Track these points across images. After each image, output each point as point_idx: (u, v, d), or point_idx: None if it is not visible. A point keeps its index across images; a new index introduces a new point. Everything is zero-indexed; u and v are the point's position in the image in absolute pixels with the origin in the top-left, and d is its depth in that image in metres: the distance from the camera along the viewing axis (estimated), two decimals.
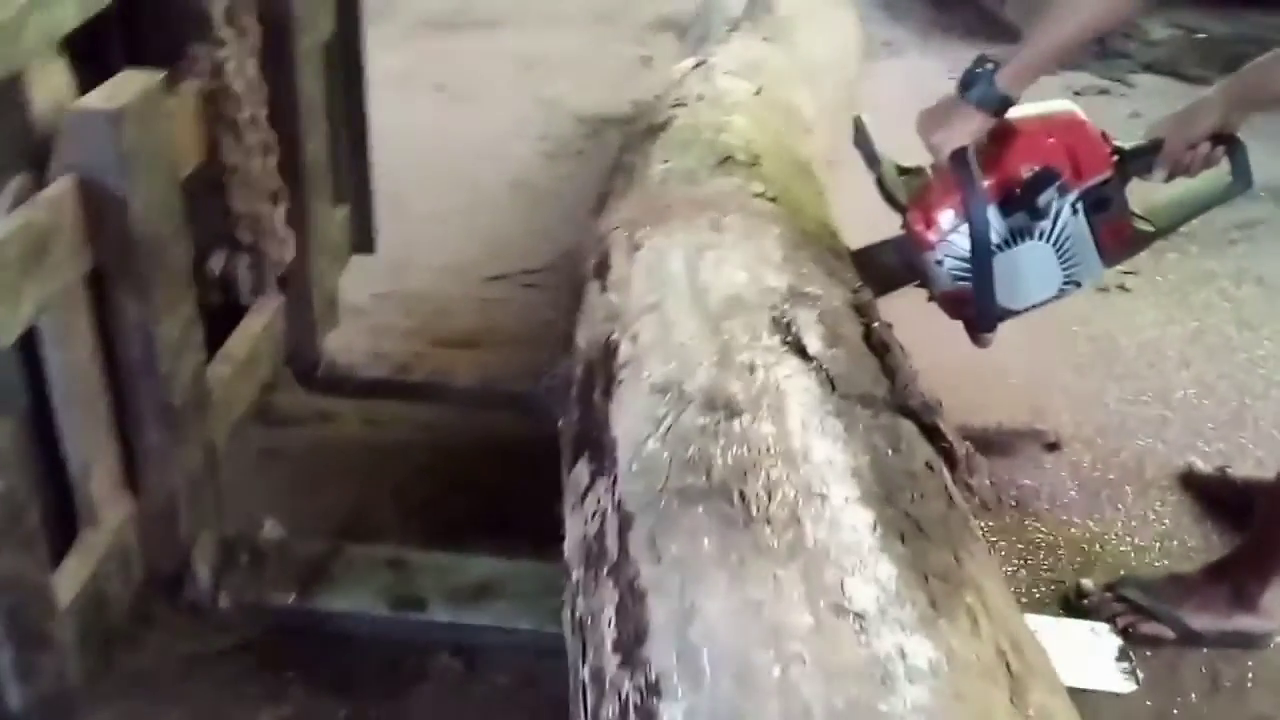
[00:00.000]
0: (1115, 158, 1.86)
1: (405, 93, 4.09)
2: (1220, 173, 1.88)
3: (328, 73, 2.19)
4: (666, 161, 2.07)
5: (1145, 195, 1.93)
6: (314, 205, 2.13)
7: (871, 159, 1.95)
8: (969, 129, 1.75)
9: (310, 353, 2.26)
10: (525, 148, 3.79)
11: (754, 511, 1.16)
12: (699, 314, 1.53)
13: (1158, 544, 2.08)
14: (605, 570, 1.24)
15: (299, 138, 2.02)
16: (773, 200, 1.87)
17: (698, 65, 2.70)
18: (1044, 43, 1.72)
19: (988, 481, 1.43)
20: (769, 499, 1.18)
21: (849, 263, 1.84)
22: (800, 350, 1.42)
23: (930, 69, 4.28)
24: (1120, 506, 2.16)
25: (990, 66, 1.72)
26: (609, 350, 1.54)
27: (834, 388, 1.36)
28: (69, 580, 1.56)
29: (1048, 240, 1.82)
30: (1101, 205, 1.83)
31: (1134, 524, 2.12)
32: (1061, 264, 1.85)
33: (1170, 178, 1.86)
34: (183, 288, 1.63)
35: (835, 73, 3.23)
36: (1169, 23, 4.59)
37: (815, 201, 2.04)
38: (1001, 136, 1.79)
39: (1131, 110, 3.90)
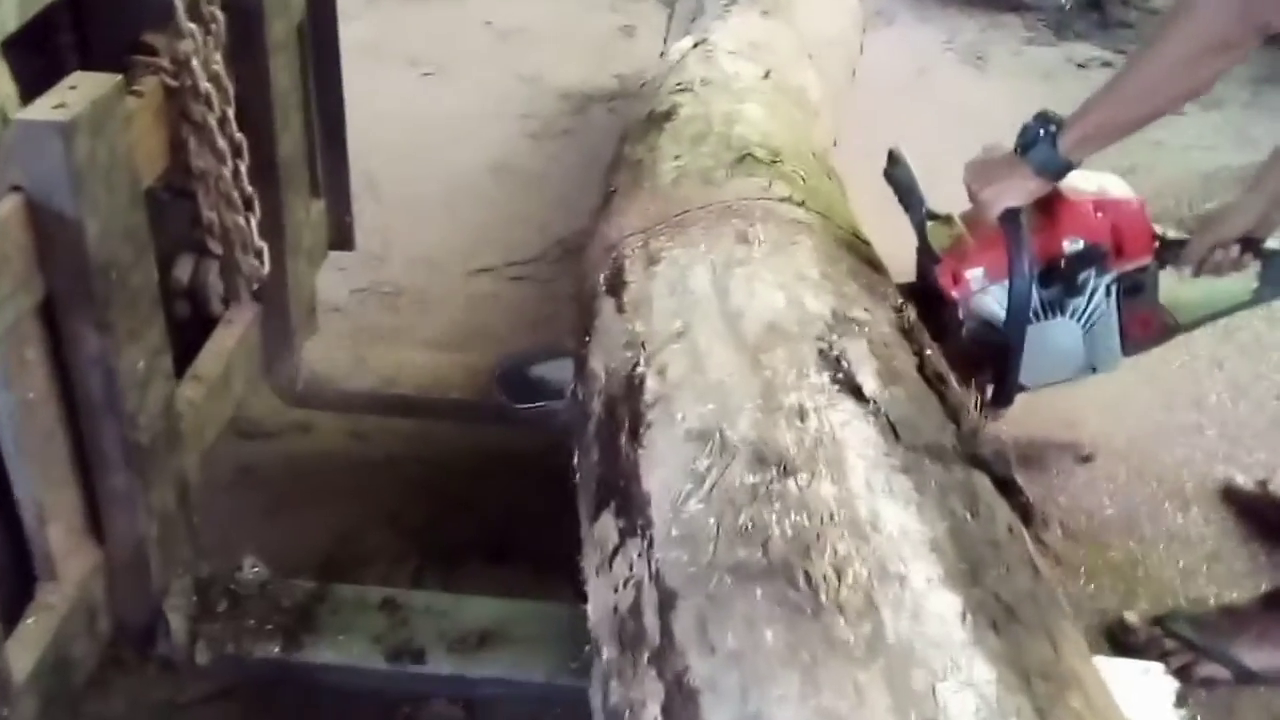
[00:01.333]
0: (1156, 244, 1.78)
1: (374, 66, 3.86)
2: (1249, 276, 1.82)
3: (299, 57, 2.00)
4: (678, 158, 1.90)
5: (1171, 287, 1.85)
6: (290, 205, 1.94)
7: (911, 199, 1.81)
8: (1023, 191, 1.64)
9: (289, 364, 2.08)
10: (506, 127, 3.59)
11: (823, 596, 1.01)
12: (734, 344, 1.36)
13: (1204, 567, 1.95)
14: (646, 656, 1.08)
15: (272, 134, 1.83)
16: (800, 205, 1.70)
17: (697, 44, 2.52)
18: (1119, 107, 1.58)
19: (1058, 532, 1.29)
20: (839, 580, 1.02)
21: (885, 274, 1.68)
22: (854, 389, 1.26)
23: (927, 39, 4.12)
24: (1161, 525, 2.03)
25: (1053, 129, 1.60)
26: (633, 385, 1.38)
27: (897, 436, 1.20)
28: (26, 646, 1.39)
29: (1078, 319, 1.74)
30: (1135, 291, 1.77)
31: (1176, 545, 1.99)
32: (1086, 346, 1.77)
33: (1197, 274, 1.79)
34: (148, 313, 1.44)
35: (838, 49, 3.05)
36: None
37: (840, 203, 1.87)
38: (1048, 202, 1.68)
39: None
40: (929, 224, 1.80)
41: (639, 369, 1.39)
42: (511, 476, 2.13)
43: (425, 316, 2.68)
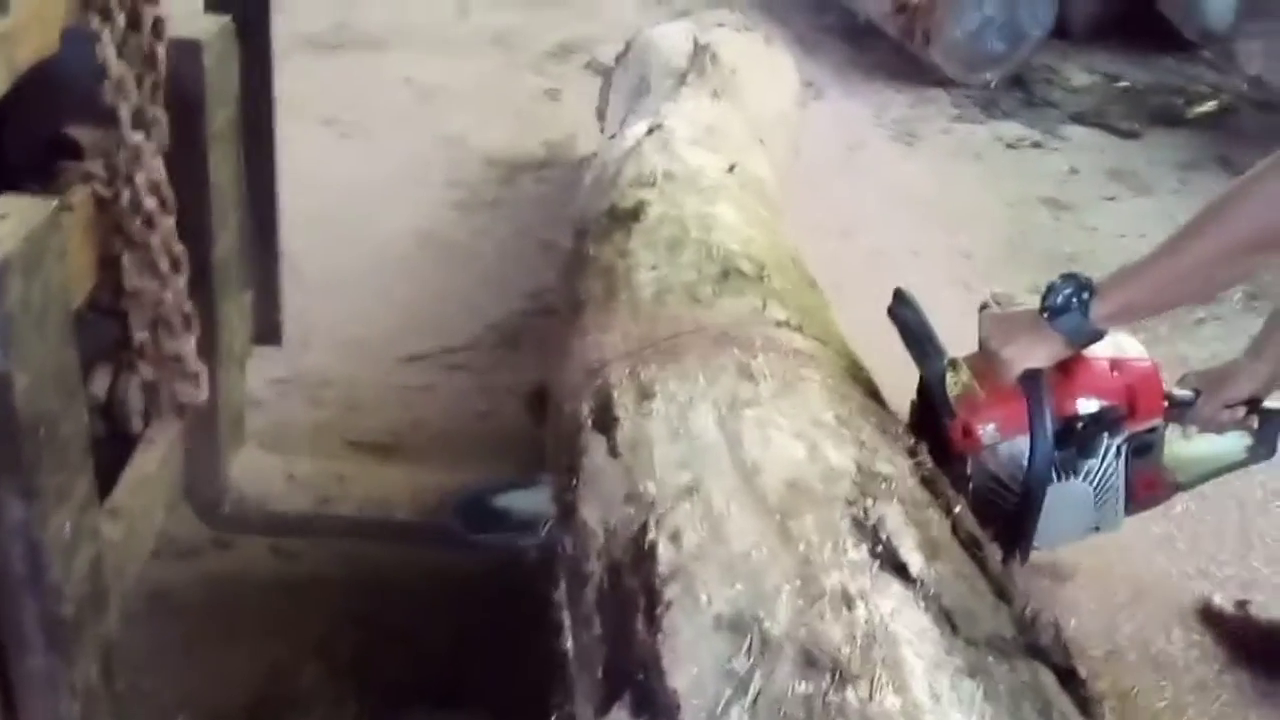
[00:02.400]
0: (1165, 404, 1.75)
1: (289, 126, 3.59)
2: (1243, 434, 1.82)
3: (236, 144, 1.81)
4: (655, 268, 1.77)
5: (1170, 445, 1.81)
6: (223, 312, 1.75)
7: (925, 347, 1.68)
8: (1048, 354, 1.57)
9: (214, 484, 1.86)
10: (431, 195, 3.41)
11: None
12: (755, 506, 1.23)
13: (1193, 698, 1.88)
14: None
15: (209, 236, 1.64)
16: (798, 330, 1.59)
17: (651, 130, 2.40)
18: (1161, 290, 1.52)
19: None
20: None
21: (887, 406, 1.58)
22: (898, 567, 1.14)
23: (856, 114, 4.09)
24: (1144, 650, 1.96)
25: (1085, 296, 1.52)
26: (642, 551, 1.23)
27: (953, 626, 1.08)
28: None
29: (1089, 480, 1.68)
30: (1143, 451, 1.72)
31: (1162, 673, 1.92)
32: (1094, 507, 1.71)
33: (1200, 432, 1.79)
34: (77, 464, 1.25)
35: (781, 128, 2.98)
36: (1088, 68, 4.52)
37: (830, 321, 1.77)
38: (1064, 361, 1.61)
39: (1068, 165, 3.79)
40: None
41: (648, 533, 1.24)
42: (458, 604, 1.95)
43: (355, 412, 2.48)
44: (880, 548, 1.17)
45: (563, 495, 1.48)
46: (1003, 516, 1.64)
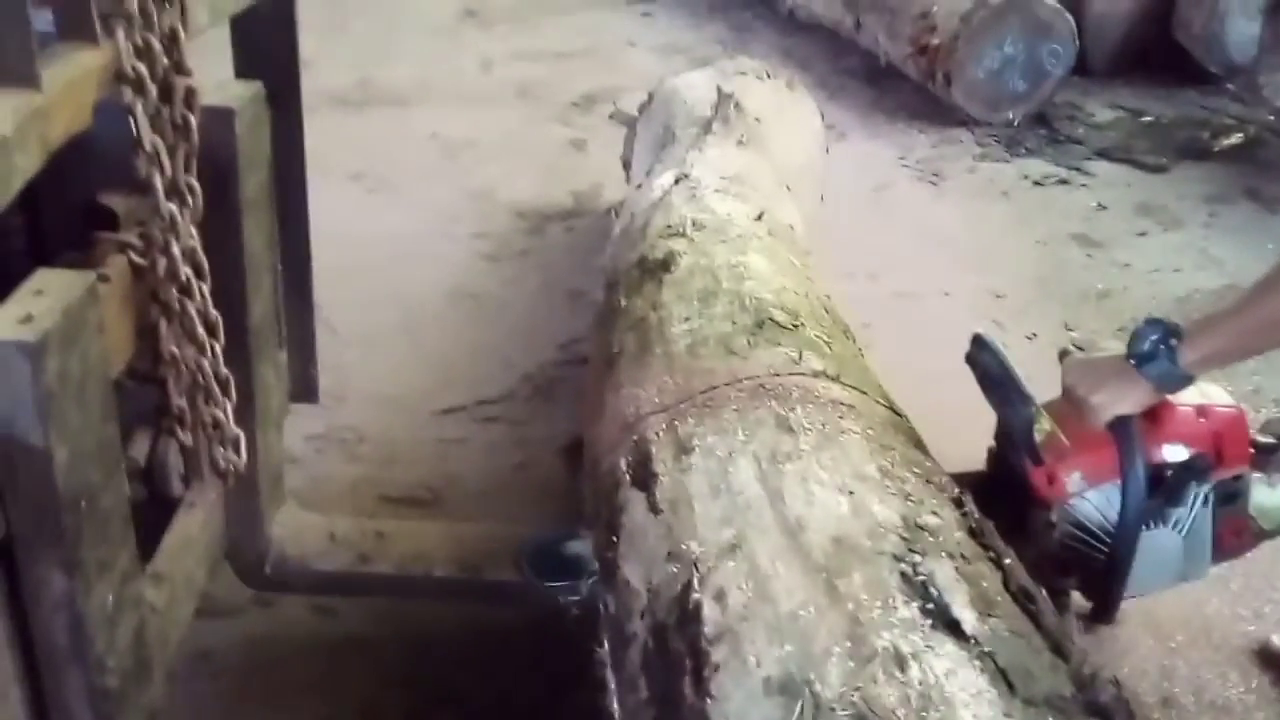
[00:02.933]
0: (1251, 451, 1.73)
1: (316, 183, 3.63)
2: None
3: (270, 209, 1.83)
4: (688, 320, 1.76)
5: (1255, 492, 1.78)
6: (260, 374, 1.75)
7: (1009, 394, 1.66)
8: (1138, 400, 1.57)
9: (256, 545, 1.86)
10: (460, 248, 3.43)
11: None
12: (800, 563, 1.21)
13: None
14: None
15: (245, 301, 1.64)
16: (836, 380, 1.57)
17: (678, 180, 2.40)
18: (1247, 336, 1.51)
19: None
20: None
21: (929, 454, 1.55)
22: (951, 625, 1.12)
23: (881, 155, 4.10)
24: (1200, 694, 1.92)
25: (1173, 342, 1.51)
26: (687, 612, 1.22)
27: (1010, 686, 1.06)
28: None
29: (1178, 529, 1.66)
30: (1230, 499, 1.71)
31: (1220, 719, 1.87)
32: (1183, 556, 1.69)
33: None
34: (119, 537, 1.24)
35: (808, 174, 2.99)
36: (1110, 104, 4.51)
37: (866, 369, 1.75)
38: (1150, 408, 1.61)
39: (1096, 201, 3.77)
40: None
41: (693, 593, 1.22)
42: (502, 661, 1.94)
43: (391, 466, 2.48)
44: (931, 605, 1.14)
45: (603, 553, 1.46)
46: (1089, 566, 1.62)
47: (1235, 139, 4.22)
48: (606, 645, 1.38)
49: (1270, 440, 1.72)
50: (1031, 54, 4.26)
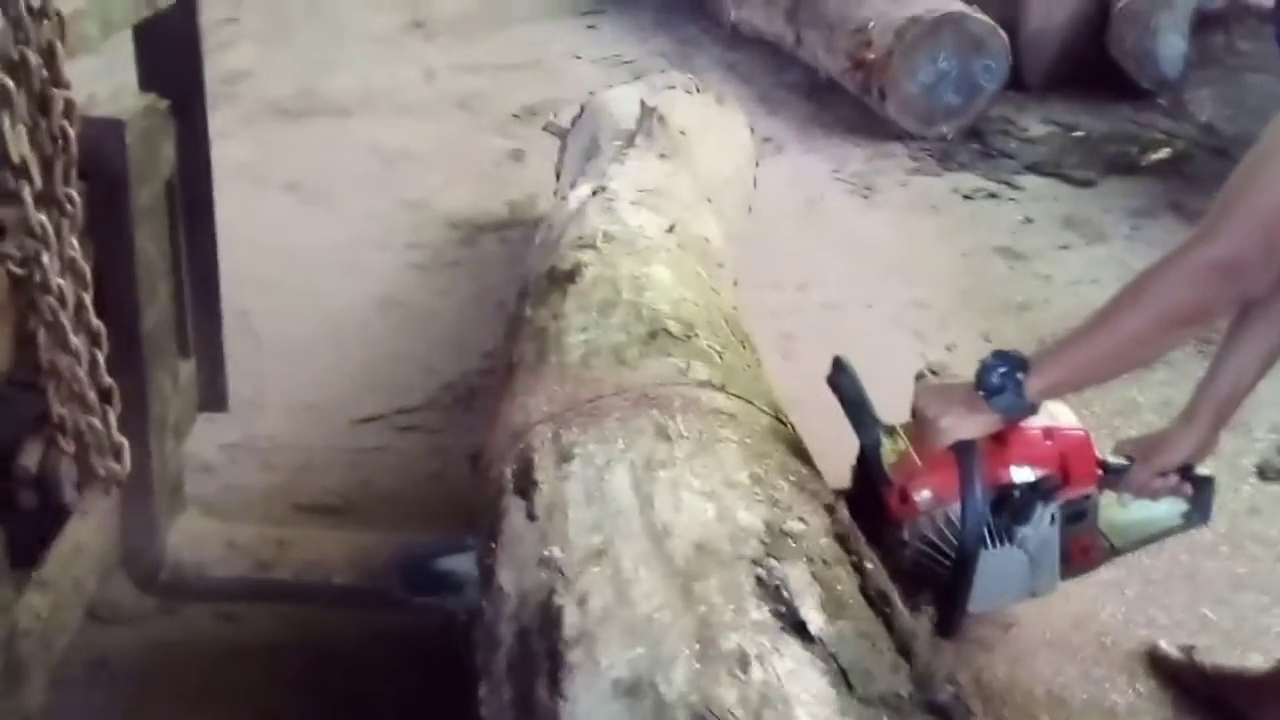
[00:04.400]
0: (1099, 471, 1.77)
1: (251, 191, 3.70)
2: (1178, 501, 1.85)
3: (169, 212, 1.83)
4: (585, 330, 1.79)
5: (1105, 511, 1.83)
6: (155, 381, 1.75)
7: (861, 415, 1.70)
8: (983, 426, 1.59)
9: (151, 554, 1.86)
10: (392, 258, 3.45)
11: None
12: (662, 568, 1.24)
13: None
14: None
15: (136, 309, 1.65)
16: (721, 389, 1.60)
17: (596, 192, 2.43)
18: (1090, 367, 1.55)
19: None
20: None
21: (811, 462, 1.59)
22: (798, 627, 1.15)
23: (815, 168, 4.15)
24: (1090, 699, 1.96)
25: (1019, 376, 1.55)
26: (549, 617, 1.24)
27: (850, 686, 1.09)
28: None
29: (1023, 547, 1.69)
30: (1077, 518, 1.75)
31: None
32: (1029, 572, 1.72)
33: (1135, 498, 1.80)
34: None
35: (735, 187, 3.02)
36: (1044, 119, 4.59)
37: (758, 378, 1.78)
38: (1001, 430, 1.64)
39: (1023, 215, 3.83)
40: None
41: (556, 597, 1.24)
42: (402, 667, 1.95)
43: (305, 475, 2.48)
44: (783, 608, 1.17)
45: (483, 559, 1.48)
46: (938, 581, 1.65)
47: (1163, 153, 4.30)
48: (481, 650, 1.40)
49: (1120, 461, 1.76)
50: (965, 69, 4.33)
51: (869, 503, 1.68)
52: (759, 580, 1.20)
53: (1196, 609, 2.18)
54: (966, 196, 3.93)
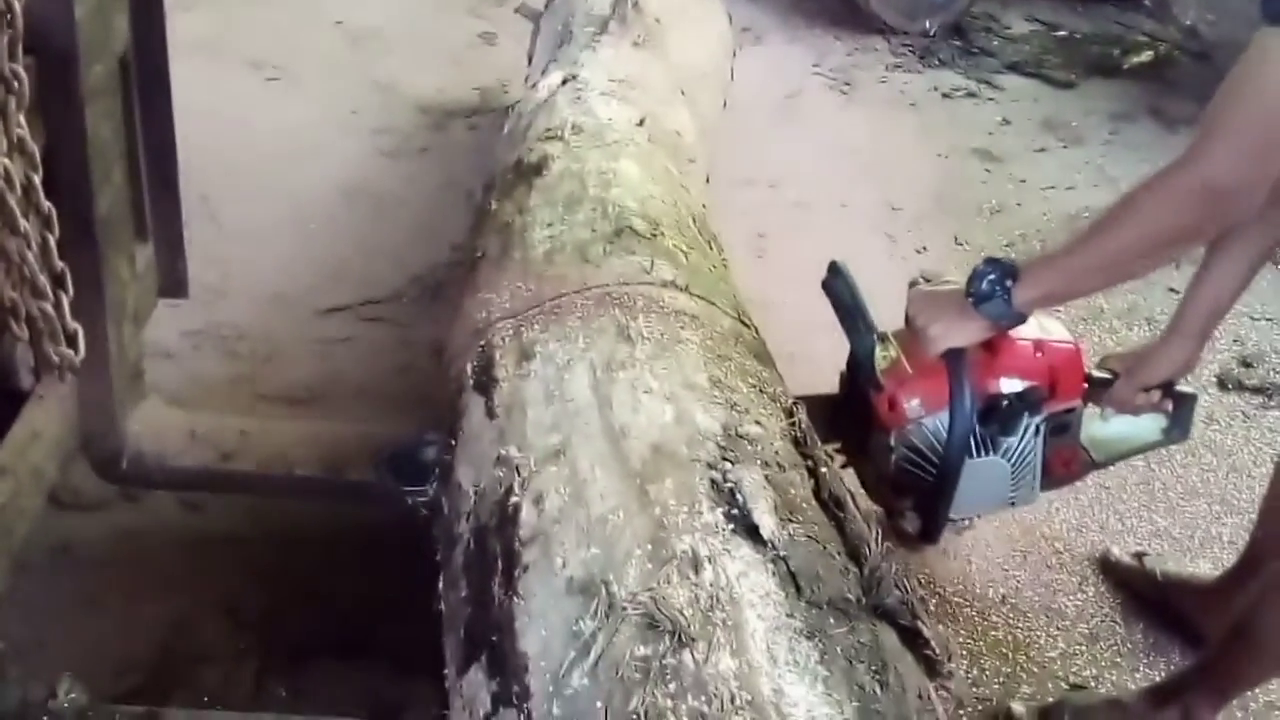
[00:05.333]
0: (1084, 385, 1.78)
1: (212, 68, 3.58)
2: (1159, 417, 1.86)
3: (122, 90, 1.77)
4: (550, 226, 1.76)
5: (1088, 424, 1.85)
6: (111, 265, 1.71)
7: (855, 322, 1.70)
8: (972, 334, 1.60)
9: (111, 441, 1.84)
10: (359, 142, 3.37)
11: None
12: (618, 469, 1.24)
13: (1084, 648, 1.93)
14: None
15: (89, 191, 1.60)
16: (684, 290, 1.59)
17: (566, 81, 2.37)
18: (1079, 277, 1.55)
19: (963, 673, 1.21)
20: None
21: (772, 365, 1.58)
22: (751, 530, 1.16)
23: (795, 60, 4.07)
24: (1040, 600, 2.00)
25: (1009, 283, 1.54)
26: (506, 515, 1.24)
27: (798, 588, 1.10)
28: None
29: (1007, 457, 1.71)
30: (1061, 430, 1.77)
31: (1056, 624, 1.97)
32: (1011, 482, 1.74)
33: (1118, 413, 1.81)
34: None
35: (710, 80, 2.96)
36: (1028, 16, 4.50)
37: (723, 279, 1.77)
38: (990, 340, 1.64)
39: (1001, 116, 3.79)
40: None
41: (513, 496, 1.25)
42: (365, 559, 1.96)
43: (270, 365, 2.46)
44: (736, 511, 1.18)
45: (442, 455, 1.48)
46: (922, 488, 1.67)
47: (1145, 56, 4.25)
48: (440, 547, 1.41)
49: (1105, 375, 1.77)
50: None
51: (857, 409, 1.68)
52: (713, 483, 1.21)
53: (1149, 516, 2.23)
54: (945, 95, 3.88)
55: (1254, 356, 2.71)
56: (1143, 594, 2.02)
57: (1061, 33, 4.39)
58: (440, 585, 1.35)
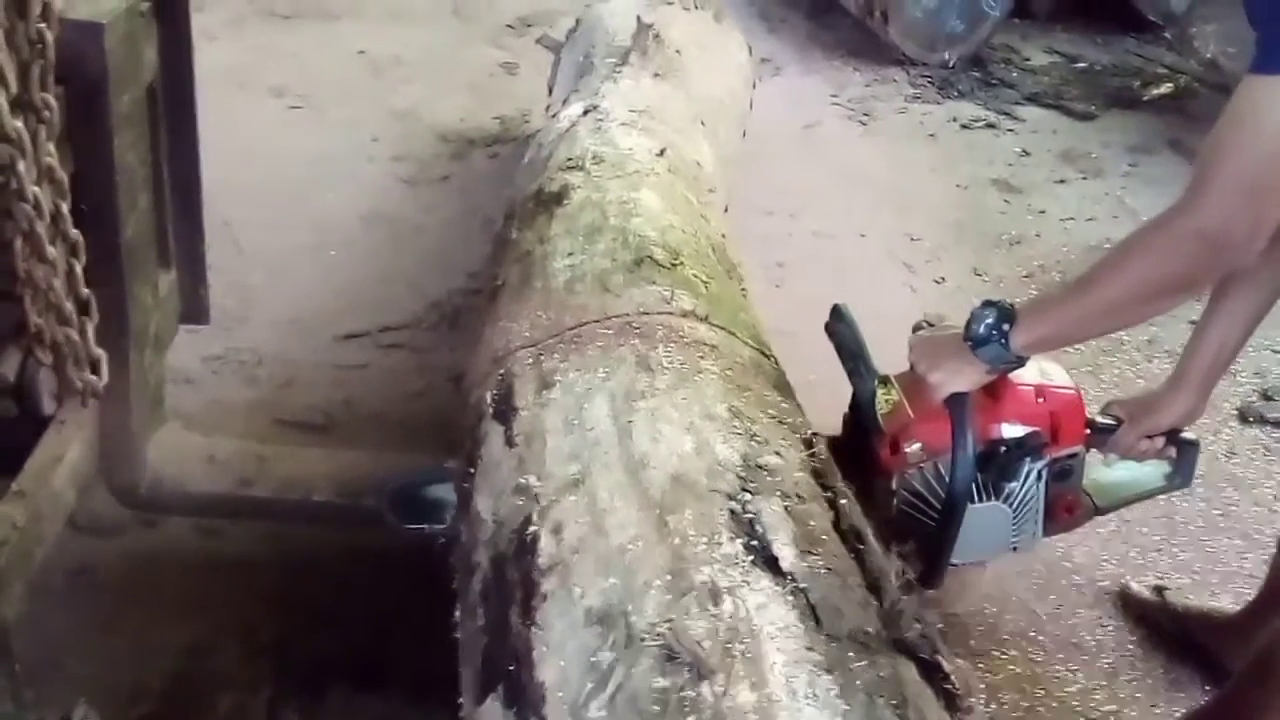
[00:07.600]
0: (1087, 431, 1.77)
1: (236, 96, 3.63)
2: (1162, 463, 1.85)
3: (150, 119, 1.79)
4: (571, 255, 1.77)
5: (1091, 470, 1.84)
6: (135, 293, 1.73)
7: (858, 365, 1.70)
8: (972, 379, 1.59)
9: (131, 466, 1.86)
10: (379, 170, 3.40)
11: None
12: (638, 499, 1.24)
13: (1103, 683, 1.91)
14: None
15: (115, 218, 1.62)
16: (704, 320, 1.59)
17: (587, 111, 2.39)
18: (1077, 324, 1.55)
19: (982, 708, 1.20)
20: None
21: (792, 396, 1.58)
22: (770, 562, 1.15)
23: (813, 92, 4.09)
24: (1061, 635, 1.99)
25: (1006, 327, 1.53)
26: (525, 544, 1.24)
27: (818, 620, 1.09)
28: None
29: (1009, 502, 1.70)
30: (1063, 476, 1.75)
31: (1075, 658, 1.95)
32: (1012, 527, 1.73)
33: (1121, 459, 1.82)
34: None
35: (730, 110, 2.97)
36: (1047, 48, 4.51)
37: (743, 308, 1.77)
38: (992, 386, 1.64)
39: (1021, 147, 3.79)
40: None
41: (531, 525, 1.25)
42: (382, 585, 1.96)
43: (288, 390, 2.47)
44: (755, 542, 1.17)
45: (461, 485, 1.48)
46: (923, 532, 1.66)
47: (1165, 89, 4.25)
48: (457, 575, 1.40)
49: (1108, 421, 1.77)
50: None
51: (859, 452, 1.68)
52: (733, 514, 1.21)
53: (1170, 549, 2.21)
54: (965, 126, 3.89)
55: (1275, 390, 2.69)
56: (1163, 628, 2.00)
57: (1081, 64, 4.40)
58: (457, 613, 1.35)
